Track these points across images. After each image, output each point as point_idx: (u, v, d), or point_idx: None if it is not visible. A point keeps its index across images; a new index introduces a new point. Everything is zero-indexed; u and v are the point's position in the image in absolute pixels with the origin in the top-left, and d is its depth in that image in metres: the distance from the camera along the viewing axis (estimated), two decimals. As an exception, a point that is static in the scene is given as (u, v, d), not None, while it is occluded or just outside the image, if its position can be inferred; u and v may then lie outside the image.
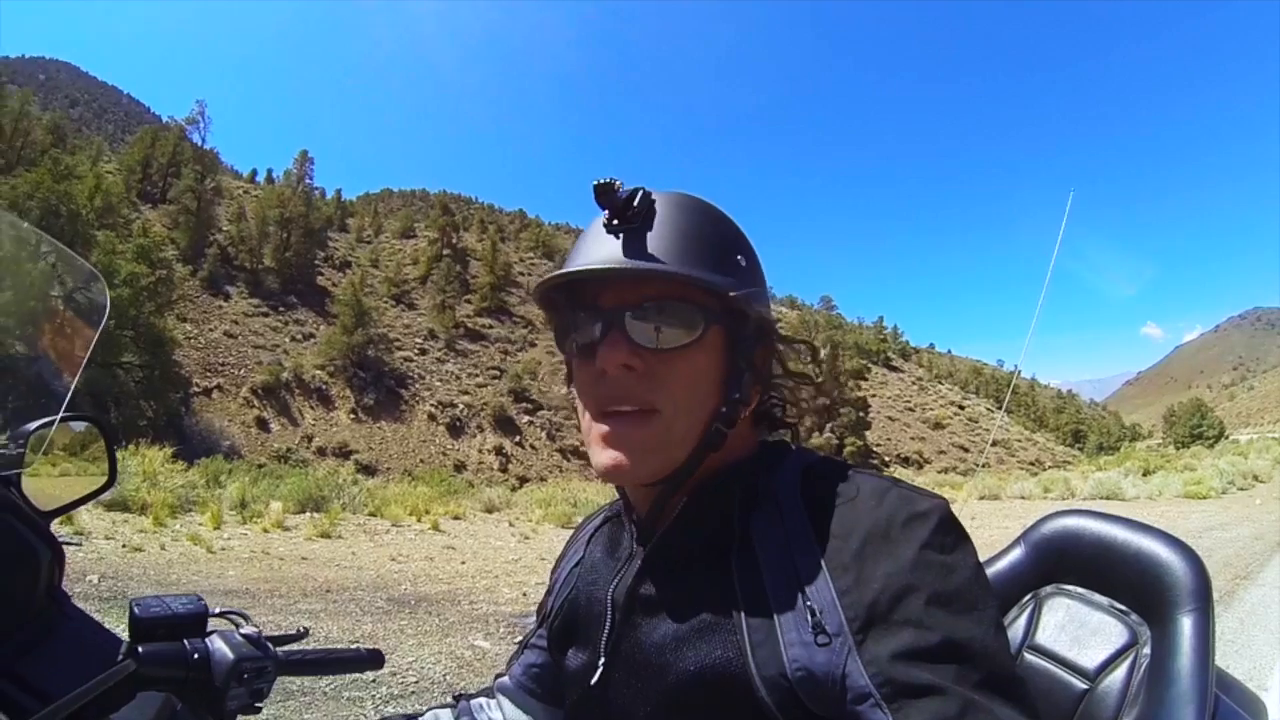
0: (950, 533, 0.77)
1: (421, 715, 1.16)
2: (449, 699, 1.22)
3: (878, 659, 0.69)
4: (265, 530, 11.73)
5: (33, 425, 1.08)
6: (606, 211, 0.85)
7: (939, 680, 0.66)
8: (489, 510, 17.58)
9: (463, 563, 10.45)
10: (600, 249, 0.86)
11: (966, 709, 0.65)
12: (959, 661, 0.68)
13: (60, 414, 1.10)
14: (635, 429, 0.84)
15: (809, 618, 0.74)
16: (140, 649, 0.92)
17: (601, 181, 0.83)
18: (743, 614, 0.79)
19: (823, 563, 0.77)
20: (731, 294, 0.84)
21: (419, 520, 14.54)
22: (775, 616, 0.76)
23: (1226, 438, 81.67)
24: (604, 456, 0.85)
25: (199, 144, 67.86)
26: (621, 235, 0.85)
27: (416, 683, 4.97)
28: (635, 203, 0.84)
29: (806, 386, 0.97)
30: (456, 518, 15.79)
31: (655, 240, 0.84)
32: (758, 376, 0.91)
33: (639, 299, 0.84)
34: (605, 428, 0.85)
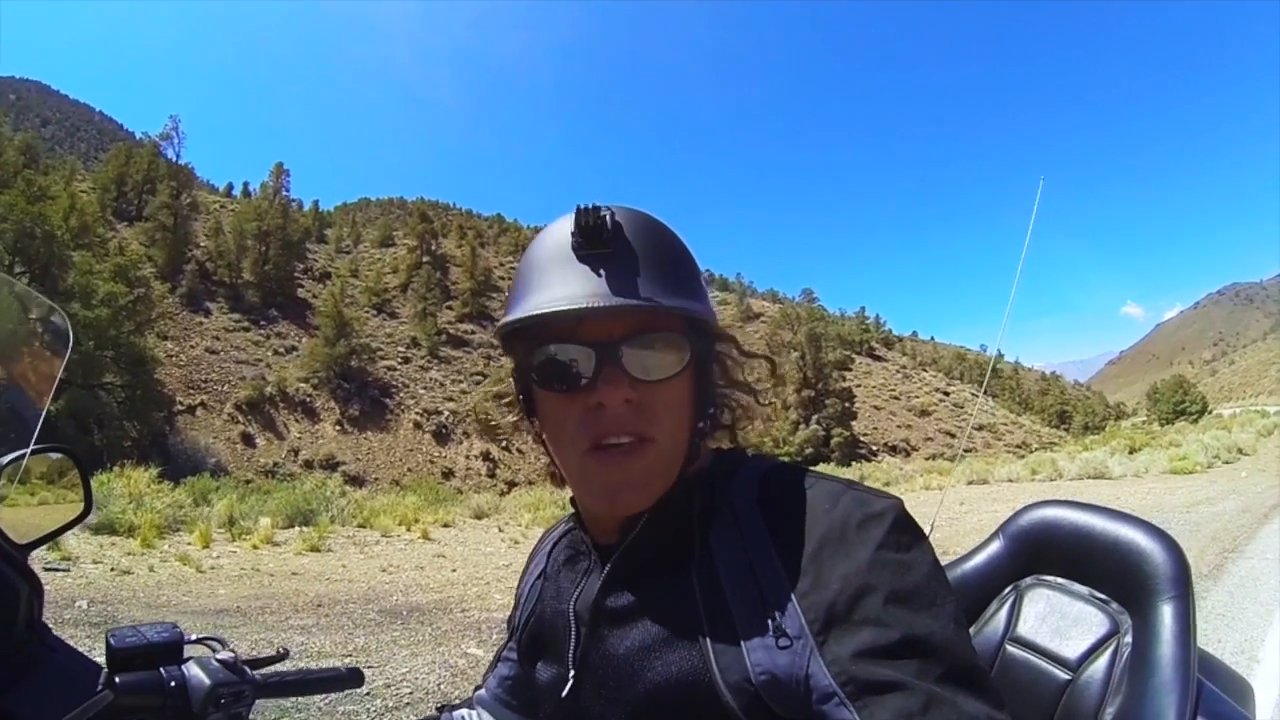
0: (906, 532, 0.78)
1: None
2: (433, 710, 1.23)
3: (839, 658, 0.70)
4: (255, 547, 11.69)
5: (4, 460, 1.07)
6: (578, 237, 0.83)
7: (901, 676, 0.67)
8: (478, 516, 17.57)
9: (453, 570, 10.41)
10: (578, 280, 0.83)
11: (930, 702, 0.66)
12: (920, 656, 0.68)
13: (30, 447, 1.09)
14: (633, 459, 0.83)
15: (770, 622, 0.75)
16: (118, 679, 0.92)
17: (586, 207, 0.82)
18: (705, 622, 0.80)
19: (781, 567, 0.78)
20: (711, 322, 0.87)
21: (408, 530, 14.54)
22: (737, 623, 0.78)
23: (1210, 413, 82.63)
24: (604, 490, 0.85)
25: (173, 160, 66.65)
26: (603, 269, 0.83)
27: (410, 694, 4.94)
28: (608, 227, 0.82)
29: (747, 394, 0.97)
30: (446, 525, 15.78)
31: (634, 270, 0.83)
32: (712, 388, 0.93)
33: (627, 331, 0.83)
34: (601, 460, 0.84)
